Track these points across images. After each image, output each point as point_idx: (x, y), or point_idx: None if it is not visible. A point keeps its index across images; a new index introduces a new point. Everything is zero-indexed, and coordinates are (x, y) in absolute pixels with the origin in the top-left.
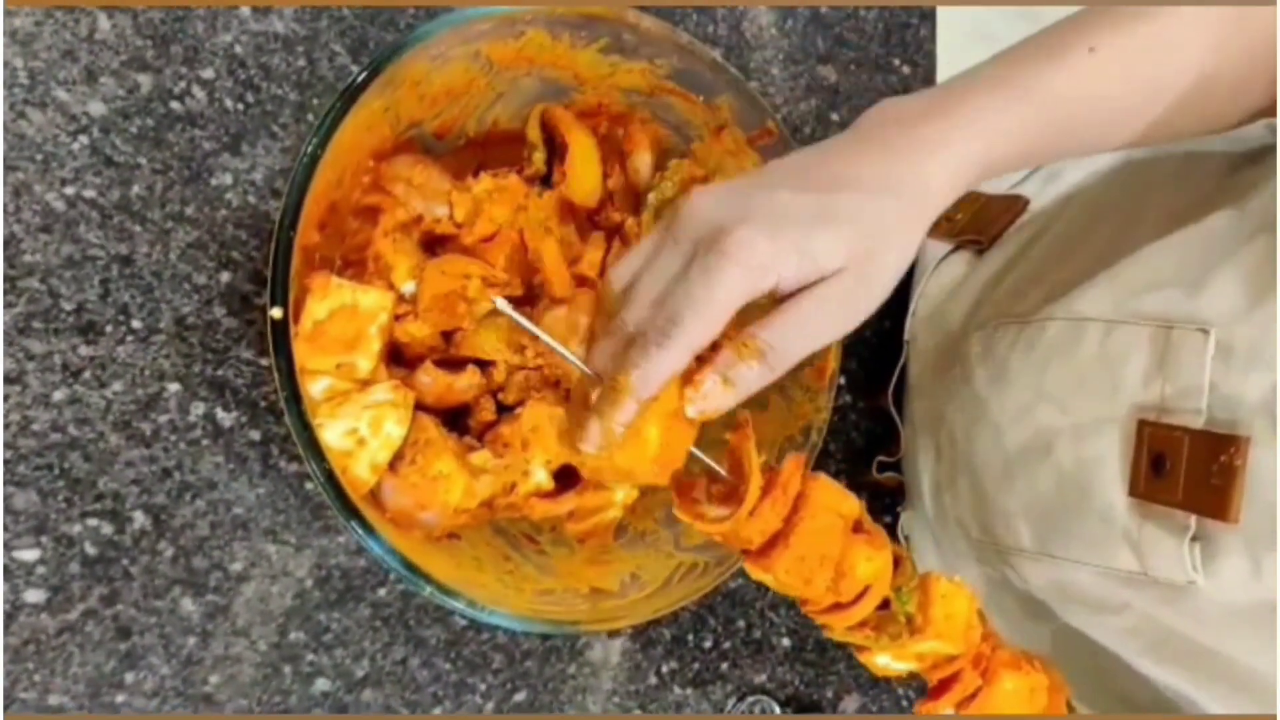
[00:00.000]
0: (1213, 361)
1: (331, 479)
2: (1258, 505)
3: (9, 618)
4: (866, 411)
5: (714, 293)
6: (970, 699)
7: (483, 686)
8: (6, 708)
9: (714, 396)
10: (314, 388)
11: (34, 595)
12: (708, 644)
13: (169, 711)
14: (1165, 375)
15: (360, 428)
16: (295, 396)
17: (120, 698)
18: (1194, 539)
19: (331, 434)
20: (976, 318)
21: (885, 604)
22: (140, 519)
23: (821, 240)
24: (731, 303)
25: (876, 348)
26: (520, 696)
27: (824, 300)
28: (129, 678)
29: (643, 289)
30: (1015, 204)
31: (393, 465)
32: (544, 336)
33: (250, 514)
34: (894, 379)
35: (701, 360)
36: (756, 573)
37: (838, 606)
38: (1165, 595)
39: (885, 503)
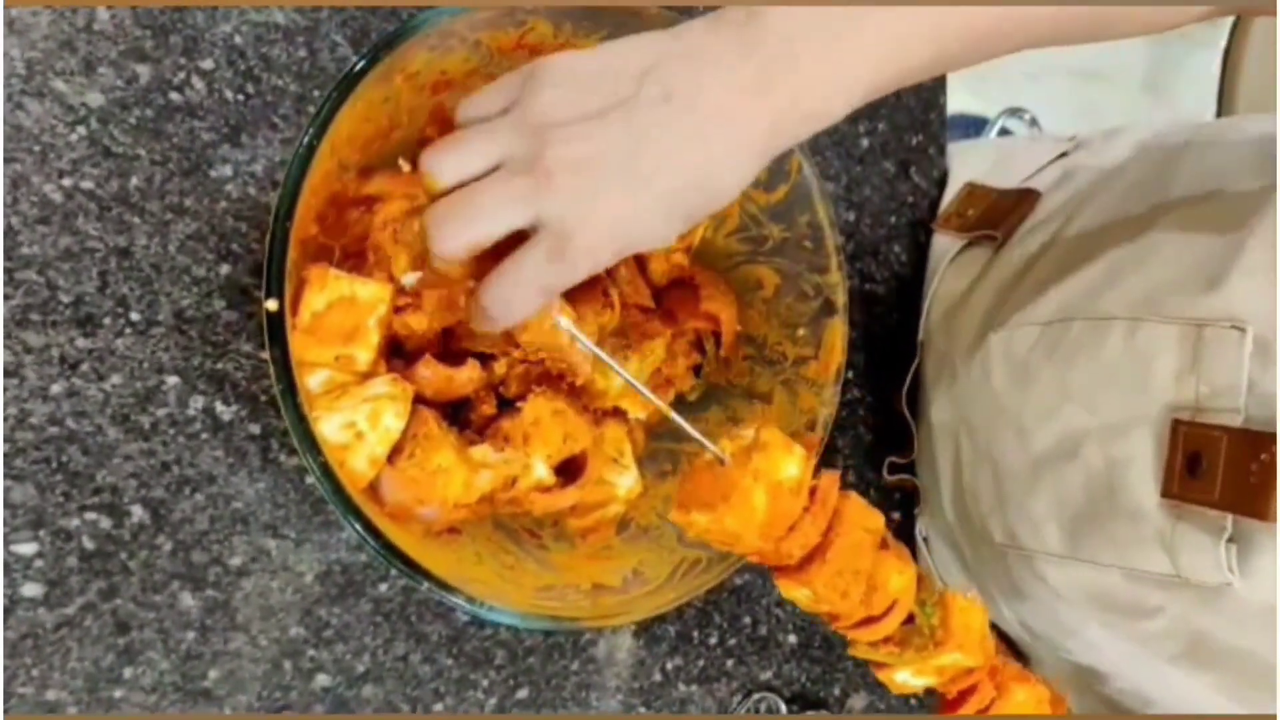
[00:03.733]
0: (1250, 359)
1: (328, 472)
2: None
3: (7, 612)
4: (875, 407)
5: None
6: (985, 710)
7: (485, 683)
8: (5, 702)
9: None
10: (312, 380)
11: (31, 589)
12: (713, 640)
13: (167, 707)
14: (1199, 374)
15: (358, 421)
16: (291, 389)
17: (119, 693)
18: (1230, 540)
19: (329, 427)
20: (995, 319)
21: (908, 619)
22: (139, 513)
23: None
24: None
25: (886, 343)
26: (523, 693)
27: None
28: (127, 673)
29: (467, 156)
30: (1028, 198)
31: (391, 459)
32: (612, 363)
33: (250, 509)
34: (908, 380)
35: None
36: (791, 589)
37: (867, 621)
38: (1199, 597)
39: (896, 499)
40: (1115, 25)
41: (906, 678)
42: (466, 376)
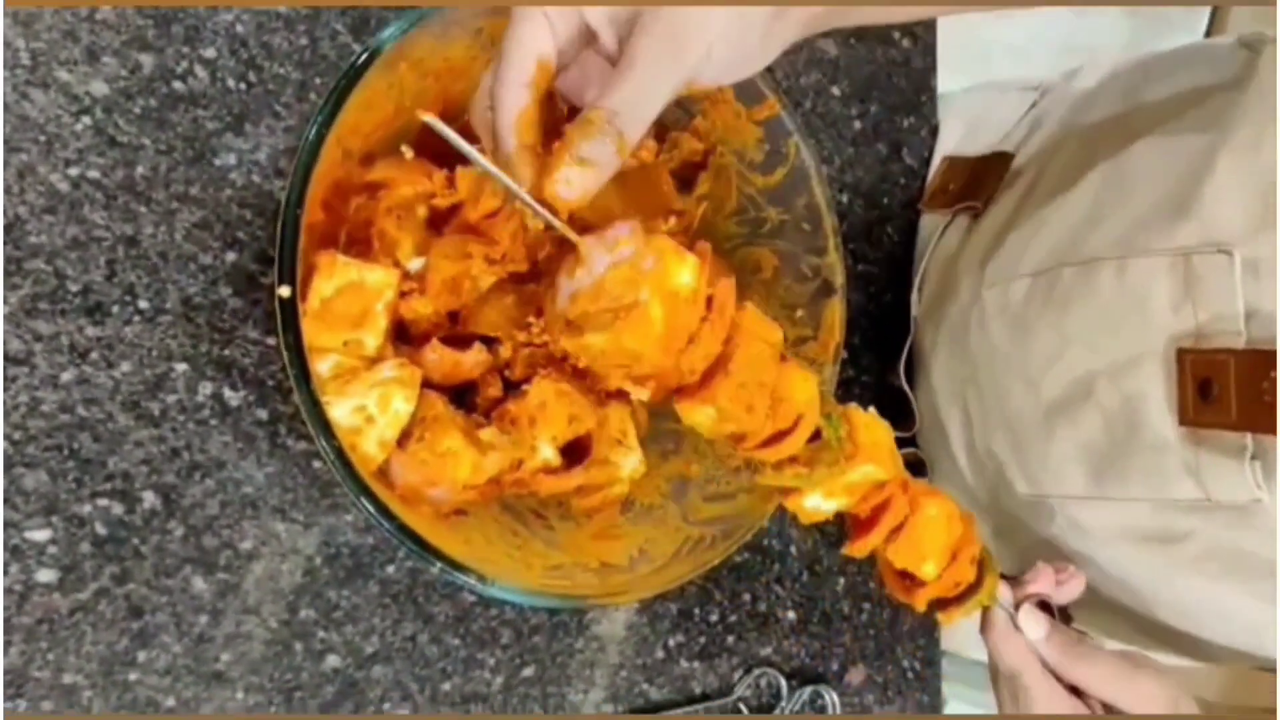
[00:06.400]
0: (1242, 281)
1: (341, 456)
2: None
3: (22, 597)
4: (872, 385)
5: (517, 25)
6: (897, 530)
7: (491, 661)
8: (21, 687)
9: (576, 180)
10: (321, 365)
11: (46, 575)
12: (714, 617)
13: (181, 689)
14: (1195, 301)
15: (368, 405)
16: (304, 374)
17: (133, 676)
18: (1253, 458)
19: (340, 411)
20: (986, 278)
21: (815, 436)
22: (150, 498)
23: None
24: (534, 30)
25: (881, 322)
26: (529, 671)
27: (647, 49)
28: (141, 656)
29: None
30: (1000, 161)
31: (400, 442)
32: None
33: (259, 493)
34: (904, 354)
35: (556, 149)
36: (694, 410)
37: (774, 438)
38: (1231, 518)
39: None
40: None
41: (817, 503)
42: (473, 360)
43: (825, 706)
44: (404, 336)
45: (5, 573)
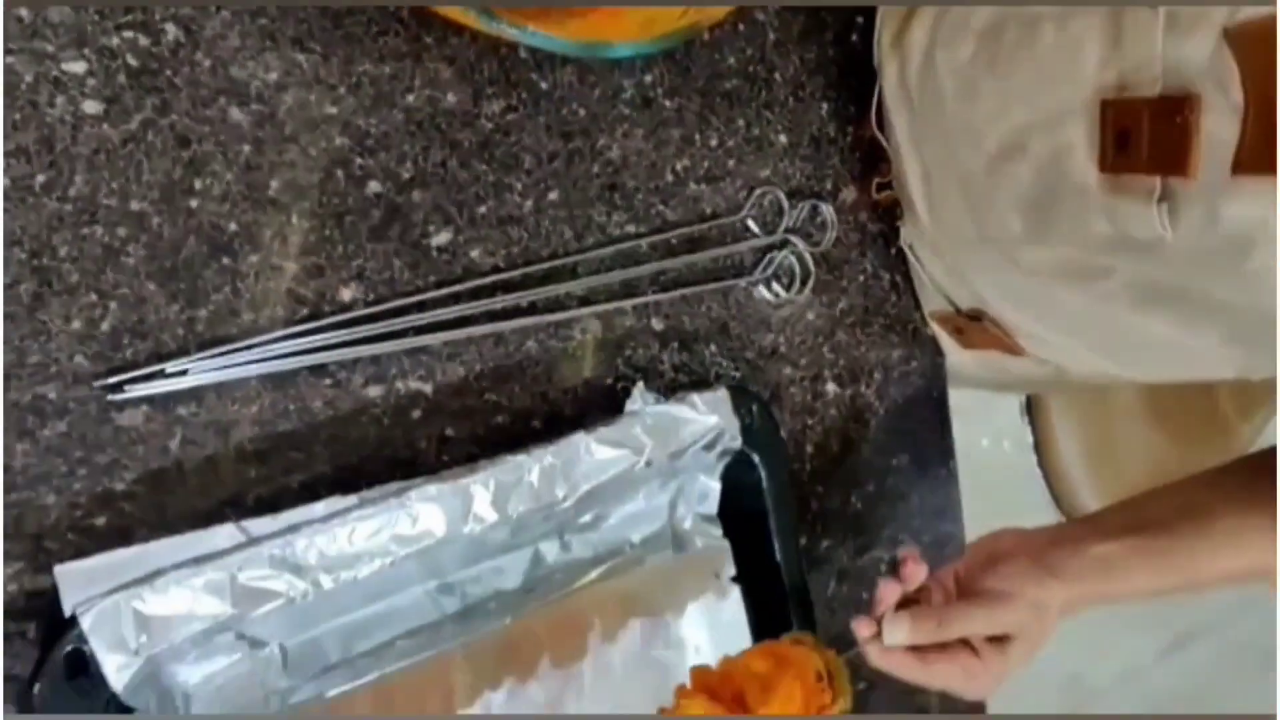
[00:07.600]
0: (1163, 32)
1: None
2: (1210, 160)
3: (75, 128)
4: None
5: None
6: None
7: (519, 186)
8: (94, 214)
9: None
10: None
11: (92, 106)
12: (714, 142)
13: (241, 214)
14: (1121, 54)
15: None
16: None
17: (194, 203)
18: (1160, 200)
19: None
20: (938, 37)
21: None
22: (172, 30)
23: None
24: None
25: (844, 67)
26: (554, 195)
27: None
28: (197, 184)
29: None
30: None
31: None
32: None
33: (274, 24)
34: (874, 106)
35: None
36: None
37: None
38: (1141, 252)
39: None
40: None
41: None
42: None
43: (825, 221)
44: None
45: (52, 105)
